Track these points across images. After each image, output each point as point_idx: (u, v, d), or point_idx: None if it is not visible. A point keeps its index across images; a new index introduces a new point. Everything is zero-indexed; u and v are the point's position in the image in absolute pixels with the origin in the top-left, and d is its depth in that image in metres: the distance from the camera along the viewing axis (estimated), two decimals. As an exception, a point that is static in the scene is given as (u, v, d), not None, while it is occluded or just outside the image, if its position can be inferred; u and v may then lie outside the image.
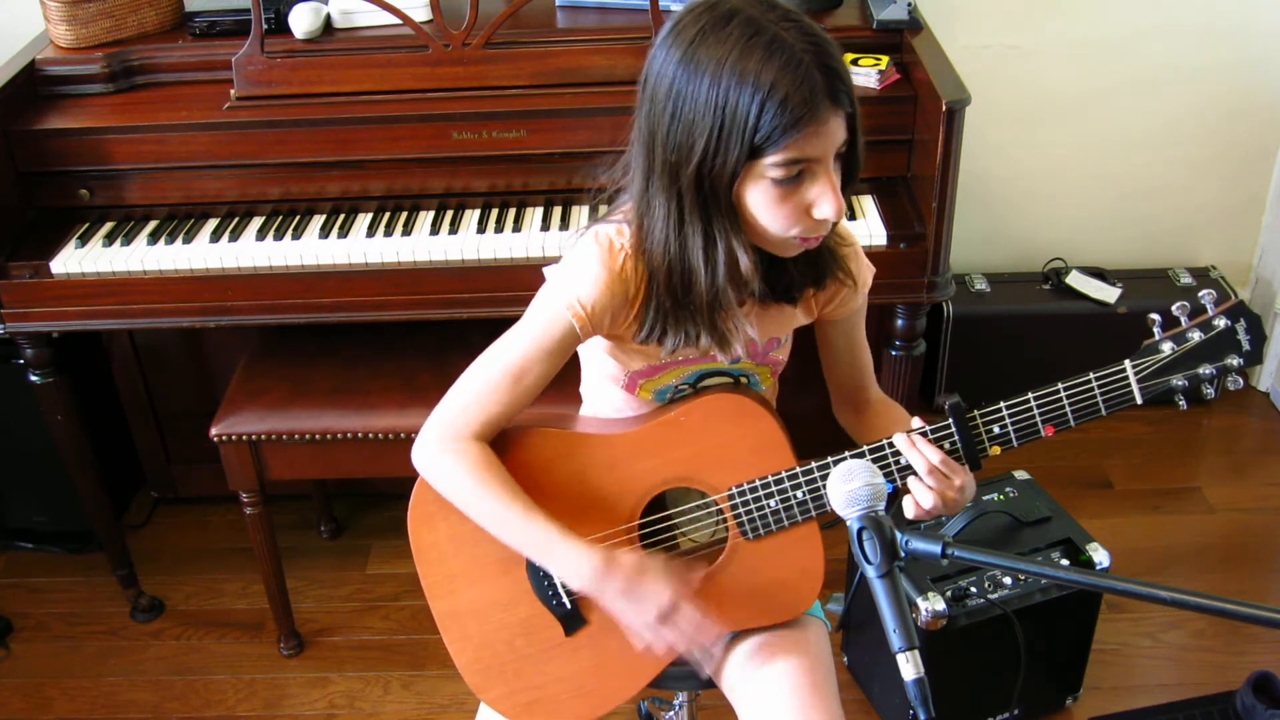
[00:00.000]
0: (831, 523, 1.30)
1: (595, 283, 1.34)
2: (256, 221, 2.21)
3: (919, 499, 1.35)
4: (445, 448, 1.39)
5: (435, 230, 2.16)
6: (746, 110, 1.20)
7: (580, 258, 1.37)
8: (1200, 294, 1.31)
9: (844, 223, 1.46)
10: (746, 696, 1.49)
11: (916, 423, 1.38)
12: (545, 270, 1.41)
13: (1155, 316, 1.32)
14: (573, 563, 1.36)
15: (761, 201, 1.26)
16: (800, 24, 1.22)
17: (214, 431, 2.16)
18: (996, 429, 1.35)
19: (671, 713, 1.91)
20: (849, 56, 2.22)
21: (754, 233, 1.30)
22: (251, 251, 2.13)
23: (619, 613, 1.38)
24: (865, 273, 1.49)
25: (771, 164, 1.23)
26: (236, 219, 2.22)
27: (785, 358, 1.53)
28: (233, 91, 2.20)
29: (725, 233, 1.28)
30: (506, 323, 1.42)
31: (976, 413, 1.35)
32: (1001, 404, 1.35)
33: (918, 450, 1.34)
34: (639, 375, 1.46)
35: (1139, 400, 1.31)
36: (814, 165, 1.24)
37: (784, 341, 1.51)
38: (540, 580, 1.47)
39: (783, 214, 1.26)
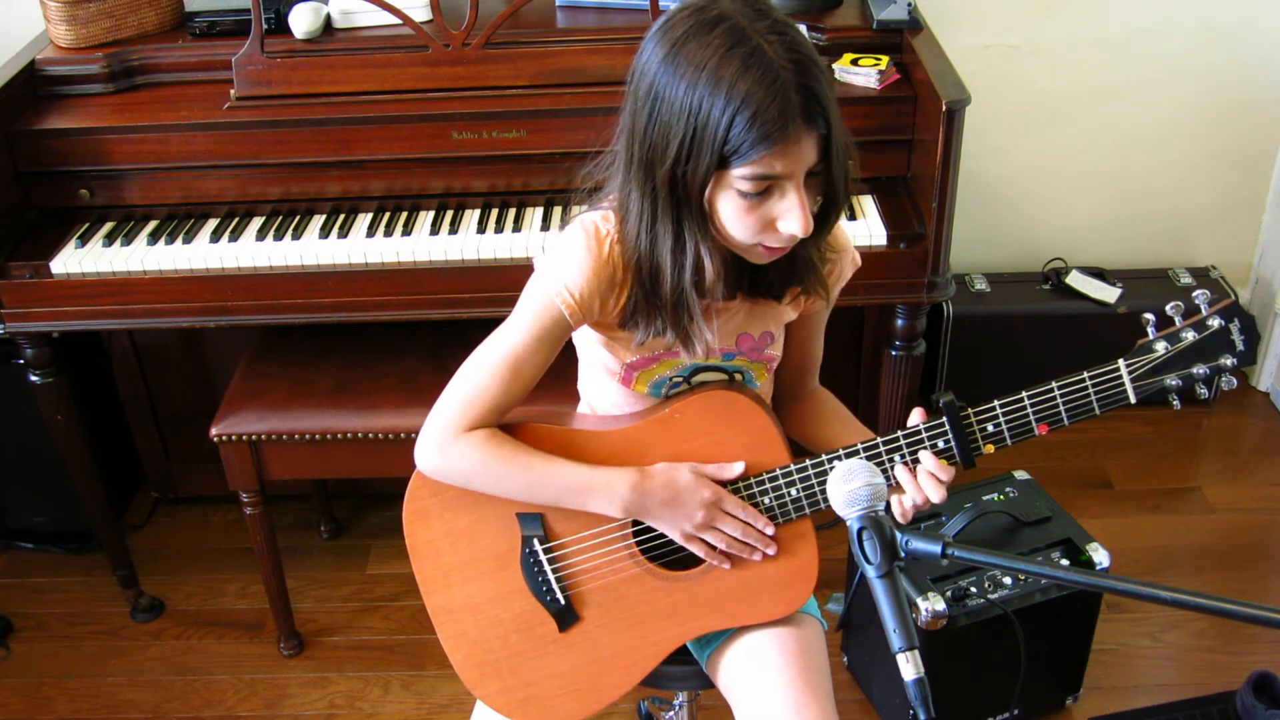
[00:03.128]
0: (830, 523, 1.30)
1: (582, 269, 1.35)
2: (256, 221, 2.21)
3: (905, 505, 1.38)
4: (449, 442, 1.39)
5: (435, 230, 2.16)
6: (718, 120, 1.19)
7: (567, 246, 1.37)
8: (1194, 294, 1.31)
9: (841, 229, 1.46)
10: (741, 694, 1.49)
11: (916, 417, 1.37)
12: (534, 260, 1.41)
13: (1150, 316, 1.32)
14: (611, 490, 1.38)
15: (729, 210, 1.26)
16: (787, 37, 1.21)
17: (214, 431, 2.16)
18: (990, 428, 1.35)
19: (671, 713, 1.91)
20: (849, 57, 2.22)
21: (723, 237, 1.30)
22: (251, 251, 2.13)
23: (667, 527, 1.41)
24: (848, 270, 1.49)
25: (739, 176, 1.22)
26: (236, 219, 2.22)
27: (779, 354, 1.53)
28: (233, 91, 2.20)
29: (694, 235, 1.29)
30: (507, 323, 1.42)
31: (971, 411, 1.35)
32: (995, 403, 1.35)
33: (918, 487, 1.37)
34: (633, 367, 1.46)
35: (1133, 400, 1.31)
36: (783, 181, 1.24)
37: (777, 337, 1.51)
38: (534, 576, 1.47)
39: (749, 224, 1.27)
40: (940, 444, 1.36)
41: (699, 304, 1.33)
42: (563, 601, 1.48)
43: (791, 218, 1.25)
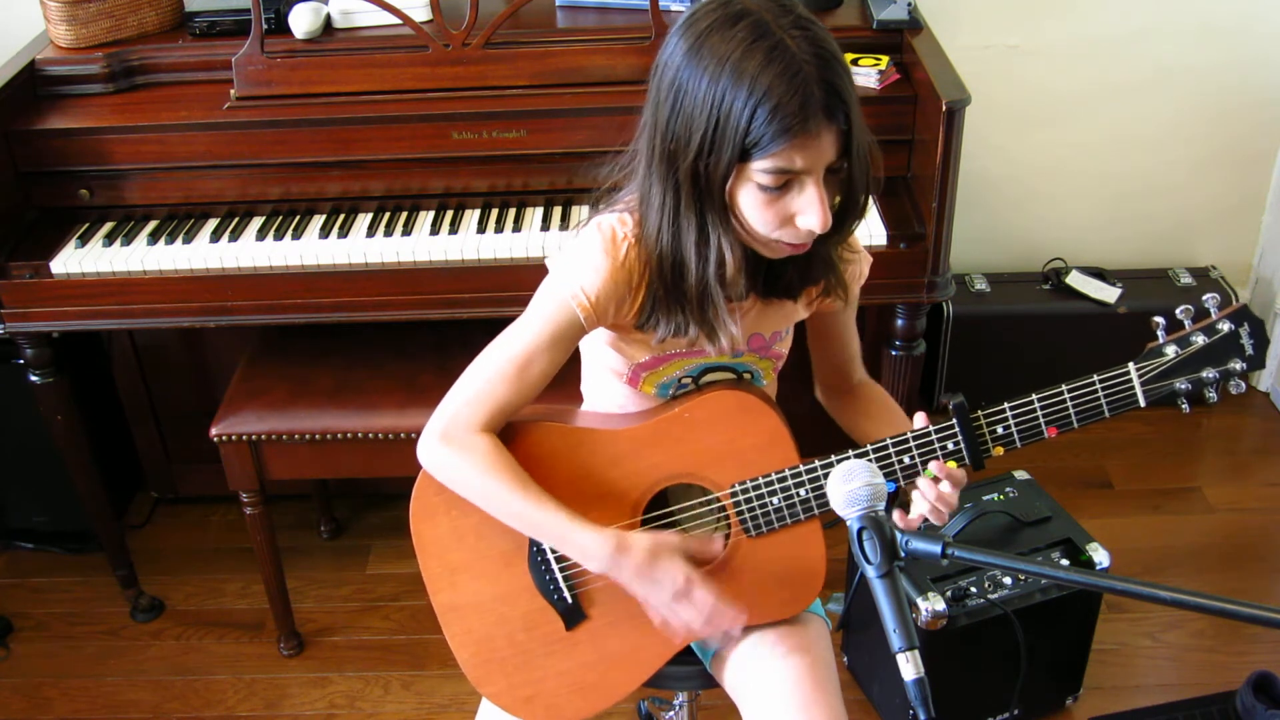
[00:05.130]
0: (833, 522, 1.30)
1: (599, 273, 1.34)
2: (256, 221, 2.21)
3: (928, 515, 1.38)
4: (452, 441, 1.39)
5: (435, 230, 2.16)
6: (740, 113, 1.20)
7: (583, 248, 1.37)
8: (1204, 297, 1.32)
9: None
10: (749, 694, 1.49)
11: (920, 421, 1.37)
12: (548, 261, 1.41)
13: (1159, 319, 1.32)
14: (588, 546, 1.37)
15: (749, 203, 1.27)
16: (810, 33, 1.21)
17: (214, 431, 2.16)
18: (1000, 429, 1.35)
19: (671, 713, 1.91)
20: (849, 56, 2.21)
21: (742, 231, 1.31)
22: (251, 251, 2.13)
23: (636, 593, 1.39)
24: (866, 269, 1.50)
25: (759, 169, 1.23)
26: (236, 219, 2.22)
27: (786, 351, 1.54)
28: (233, 91, 2.20)
29: (717, 228, 1.29)
30: (507, 323, 1.42)
31: (980, 413, 1.35)
32: (1005, 404, 1.35)
33: (934, 498, 1.36)
34: (642, 368, 1.46)
35: (1142, 403, 1.32)
36: (802, 176, 1.24)
37: (785, 334, 1.51)
38: (541, 574, 1.47)
39: (768, 218, 1.27)
40: (950, 445, 1.36)
41: (723, 296, 1.33)
42: (570, 600, 1.48)
43: (810, 213, 1.25)
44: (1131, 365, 1.31)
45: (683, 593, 1.37)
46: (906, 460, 1.38)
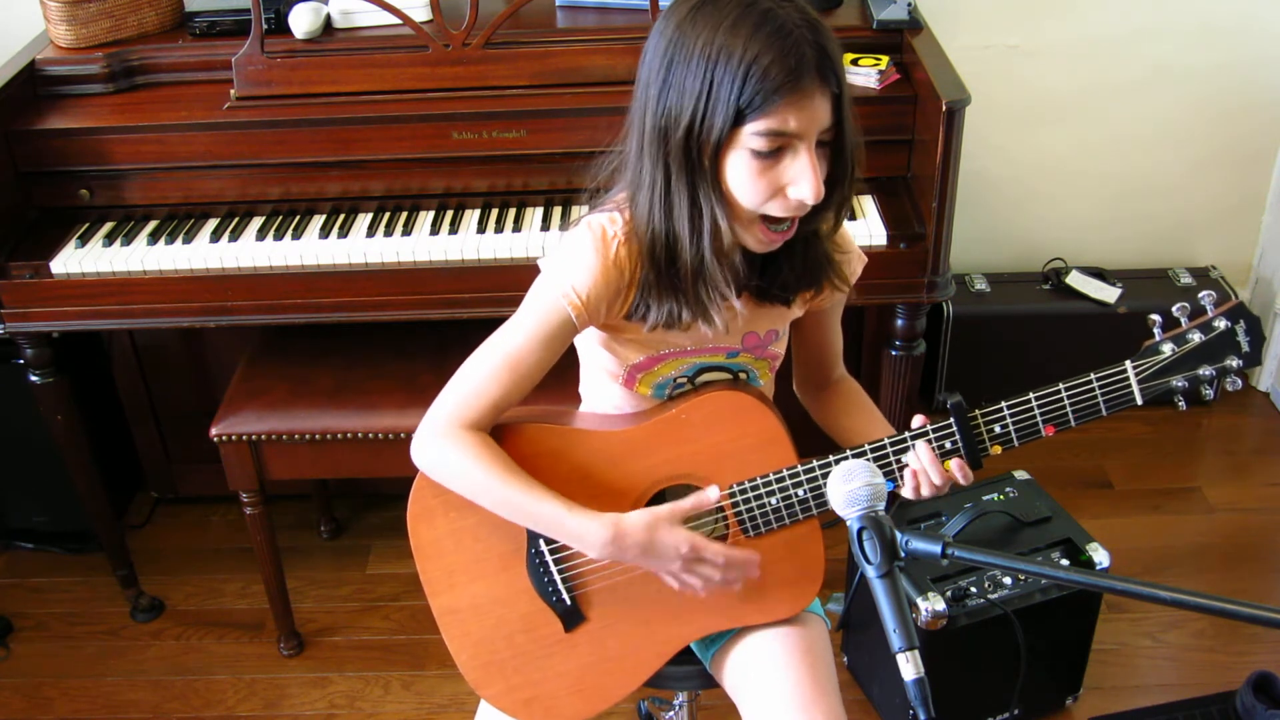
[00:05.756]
0: (833, 522, 1.30)
1: (590, 271, 1.34)
2: (256, 221, 2.21)
3: (919, 490, 1.38)
4: (444, 438, 1.39)
5: (435, 230, 2.16)
6: (734, 74, 1.21)
7: (574, 247, 1.37)
8: (1200, 295, 1.32)
9: (845, 230, 1.47)
10: (748, 695, 1.50)
11: (918, 421, 1.37)
12: (540, 261, 1.41)
13: (1156, 317, 1.32)
14: (586, 533, 1.37)
15: (741, 173, 1.26)
16: (796, 3, 1.24)
17: (214, 431, 2.16)
18: (998, 428, 1.35)
19: (671, 713, 1.91)
20: (849, 57, 2.22)
21: (730, 210, 1.30)
22: (251, 251, 2.13)
23: (645, 567, 1.40)
24: (858, 267, 1.50)
25: (752, 132, 1.23)
26: (236, 219, 2.22)
27: (783, 350, 1.54)
28: (233, 91, 2.20)
29: (710, 200, 1.29)
30: (507, 323, 1.42)
31: (978, 412, 1.36)
32: (1003, 403, 1.35)
33: (925, 473, 1.37)
34: (637, 369, 1.46)
35: (1139, 401, 1.32)
36: (795, 142, 1.24)
37: (781, 334, 1.51)
38: (540, 576, 1.47)
39: (759, 188, 1.27)
40: (947, 445, 1.36)
41: (720, 270, 1.32)
42: (568, 602, 1.48)
43: (803, 181, 1.25)
44: (1128, 363, 1.31)
45: (690, 557, 1.37)
46: (905, 460, 1.38)
